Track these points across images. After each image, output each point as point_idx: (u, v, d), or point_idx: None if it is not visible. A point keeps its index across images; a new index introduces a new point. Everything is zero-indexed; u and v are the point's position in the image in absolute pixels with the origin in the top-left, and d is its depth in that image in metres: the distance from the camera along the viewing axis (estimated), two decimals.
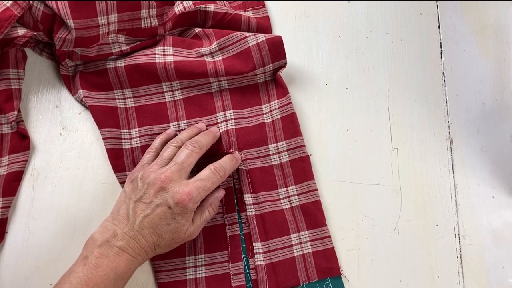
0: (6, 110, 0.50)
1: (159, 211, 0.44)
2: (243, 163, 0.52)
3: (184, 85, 0.54)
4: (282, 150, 0.53)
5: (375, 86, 0.58)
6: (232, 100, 0.53)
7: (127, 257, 0.43)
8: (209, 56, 0.54)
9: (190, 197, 0.44)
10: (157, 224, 0.44)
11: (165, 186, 0.44)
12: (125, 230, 0.44)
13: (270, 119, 0.53)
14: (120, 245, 0.43)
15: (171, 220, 0.44)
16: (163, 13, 0.54)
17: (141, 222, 0.44)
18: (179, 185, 0.44)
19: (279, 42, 0.52)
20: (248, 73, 0.53)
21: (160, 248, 0.45)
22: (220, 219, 0.52)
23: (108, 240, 0.43)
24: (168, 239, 0.45)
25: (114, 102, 0.53)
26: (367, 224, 0.54)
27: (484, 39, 0.61)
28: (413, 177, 0.55)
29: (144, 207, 0.44)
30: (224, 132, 0.53)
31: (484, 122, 0.58)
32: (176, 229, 0.45)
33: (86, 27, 0.49)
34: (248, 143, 0.53)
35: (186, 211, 0.44)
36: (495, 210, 0.55)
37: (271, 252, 0.50)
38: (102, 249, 0.43)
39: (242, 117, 0.54)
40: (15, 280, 0.48)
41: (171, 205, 0.44)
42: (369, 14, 0.61)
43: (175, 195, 0.44)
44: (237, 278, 0.50)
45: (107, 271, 0.41)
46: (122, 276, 0.42)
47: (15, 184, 0.50)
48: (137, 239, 0.44)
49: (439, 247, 0.54)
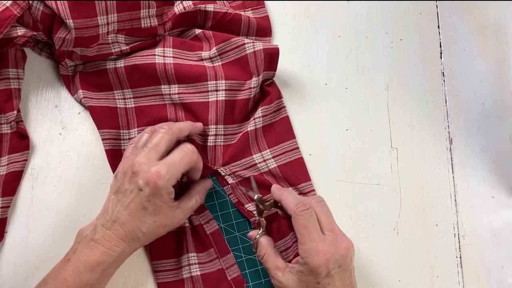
0: (6, 110, 0.50)
1: (133, 196, 0.44)
2: (230, 177, 0.52)
3: (181, 90, 0.53)
4: (268, 158, 0.53)
5: (375, 86, 0.58)
6: (225, 114, 0.53)
7: (101, 249, 0.43)
8: (209, 61, 0.54)
9: (159, 175, 0.43)
10: (133, 210, 0.44)
11: (135, 170, 0.44)
12: (103, 223, 0.44)
13: (253, 127, 0.53)
14: (95, 238, 0.43)
15: (146, 203, 0.44)
16: (163, 13, 0.54)
17: (118, 211, 0.44)
18: (148, 166, 0.44)
19: (275, 54, 0.53)
20: (246, 84, 0.53)
21: (145, 235, 0.44)
22: (196, 219, 0.51)
23: (86, 235, 0.44)
24: (150, 222, 0.44)
25: (114, 102, 0.53)
26: (367, 224, 0.54)
27: (484, 39, 0.61)
28: (412, 177, 0.55)
29: (121, 196, 0.44)
30: (212, 147, 0.52)
31: (484, 122, 0.58)
32: (154, 211, 0.44)
33: (86, 27, 0.49)
34: (232, 157, 0.52)
35: (158, 191, 0.43)
36: (495, 210, 0.55)
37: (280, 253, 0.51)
38: (79, 244, 0.44)
39: (231, 133, 0.53)
40: (15, 280, 0.48)
41: (141, 187, 0.43)
42: (368, 14, 0.61)
43: (144, 175, 0.43)
44: (231, 270, 0.50)
45: (77, 264, 0.42)
46: (93, 268, 0.42)
47: (15, 184, 0.50)
48: (113, 229, 0.43)
49: (439, 247, 0.54)
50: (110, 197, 0.45)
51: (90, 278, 0.42)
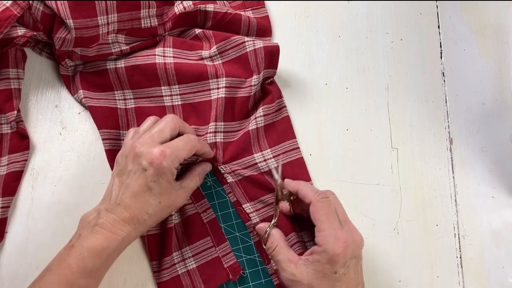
0: (6, 110, 0.50)
1: (136, 177, 0.43)
2: (230, 176, 0.52)
3: (183, 90, 0.53)
4: (268, 158, 0.53)
5: (375, 86, 0.58)
6: (224, 111, 0.53)
7: (104, 233, 0.42)
8: (209, 60, 0.54)
9: (164, 155, 0.43)
10: (138, 191, 0.43)
11: (138, 151, 0.44)
12: (107, 207, 0.44)
13: (254, 126, 0.53)
14: (99, 223, 0.43)
15: (152, 183, 0.43)
16: (163, 13, 0.54)
17: (122, 194, 0.43)
18: (151, 147, 0.44)
19: (275, 51, 0.53)
20: (246, 82, 0.53)
21: (151, 216, 0.44)
22: (192, 209, 0.51)
23: (90, 220, 0.43)
24: (155, 203, 0.44)
25: (115, 102, 0.53)
26: (367, 224, 0.54)
27: (484, 39, 0.61)
28: (413, 177, 0.55)
29: (125, 177, 0.44)
30: (212, 144, 0.52)
31: (484, 122, 0.58)
32: (160, 191, 0.44)
33: (86, 27, 0.49)
34: (233, 155, 0.52)
35: (163, 171, 0.43)
36: (495, 210, 0.55)
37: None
38: (82, 230, 0.43)
39: (230, 131, 0.53)
40: (15, 280, 0.48)
41: (146, 167, 0.43)
42: (369, 14, 0.61)
43: (147, 156, 0.43)
44: (227, 258, 0.51)
45: (81, 250, 0.41)
46: (99, 254, 0.42)
47: (15, 184, 0.50)
48: (116, 212, 0.43)
49: (439, 247, 0.54)
50: (113, 180, 0.45)
51: (95, 264, 0.41)
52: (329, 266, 0.41)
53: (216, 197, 0.53)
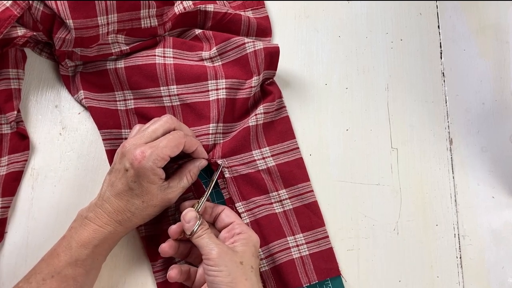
0: (6, 110, 0.50)
1: (120, 176, 0.45)
2: (227, 171, 0.52)
3: (181, 91, 0.53)
4: (266, 156, 0.53)
5: (375, 86, 0.58)
6: (225, 113, 0.52)
7: (92, 226, 0.44)
8: (209, 61, 0.54)
9: (143, 155, 0.43)
10: (121, 190, 0.45)
11: (124, 151, 0.45)
12: (96, 202, 0.46)
13: (254, 123, 0.52)
14: (88, 216, 0.45)
15: (132, 184, 0.44)
16: (163, 13, 0.54)
17: (108, 191, 0.45)
18: (136, 147, 0.44)
19: (275, 53, 0.53)
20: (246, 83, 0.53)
21: (134, 214, 0.45)
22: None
23: (82, 213, 0.46)
24: (138, 203, 0.45)
25: (115, 104, 0.53)
26: (367, 224, 0.54)
27: (484, 39, 0.61)
28: (413, 177, 0.55)
29: (112, 176, 0.46)
30: (211, 145, 0.52)
31: (484, 122, 0.58)
32: (142, 192, 0.44)
33: (86, 27, 0.49)
34: (232, 150, 0.52)
35: (143, 172, 0.43)
36: (495, 210, 0.55)
37: (272, 256, 0.50)
38: (74, 222, 0.46)
39: (230, 131, 0.53)
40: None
41: (127, 167, 0.44)
42: (369, 14, 0.61)
43: (129, 156, 0.44)
44: None
45: (70, 241, 0.44)
46: (85, 244, 0.44)
47: (15, 184, 0.50)
48: (103, 207, 0.45)
49: (439, 247, 0.54)
50: (106, 177, 0.47)
51: (81, 254, 0.43)
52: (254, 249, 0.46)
53: (216, 197, 0.53)
